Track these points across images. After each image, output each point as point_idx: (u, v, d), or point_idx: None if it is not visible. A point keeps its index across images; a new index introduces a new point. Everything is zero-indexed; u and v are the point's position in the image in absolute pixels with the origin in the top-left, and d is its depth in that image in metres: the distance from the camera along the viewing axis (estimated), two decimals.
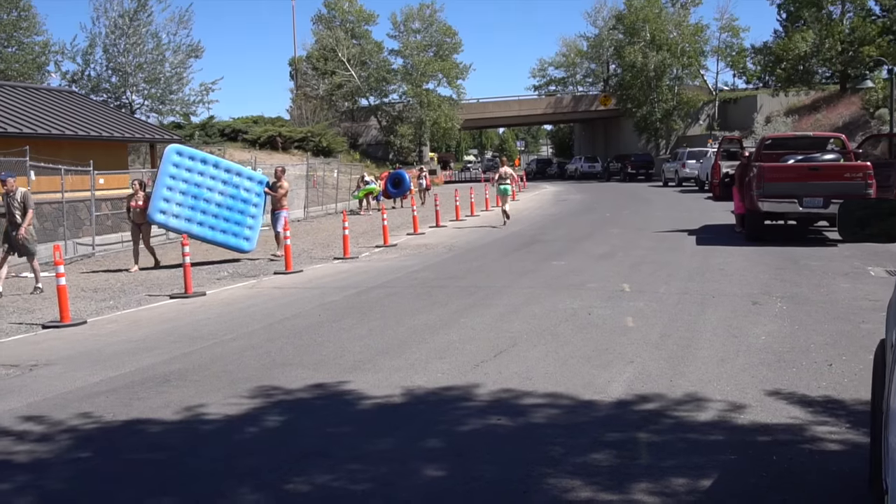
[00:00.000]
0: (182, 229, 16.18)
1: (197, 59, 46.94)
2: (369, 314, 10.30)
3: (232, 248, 17.01)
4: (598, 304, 10.14)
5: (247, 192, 17.12)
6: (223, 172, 17.07)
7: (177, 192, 16.43)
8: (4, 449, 5.74)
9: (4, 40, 45.27)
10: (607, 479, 4.72)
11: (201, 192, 16.67)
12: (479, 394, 6.58)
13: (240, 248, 17.03)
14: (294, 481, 4.91)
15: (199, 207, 16.62)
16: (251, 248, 17.18)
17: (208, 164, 17.03)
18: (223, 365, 7.93)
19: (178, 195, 16.43)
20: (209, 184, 16.77)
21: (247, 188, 17.17)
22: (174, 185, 16.43)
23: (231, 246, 16.94)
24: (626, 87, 60.77)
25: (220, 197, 16.79)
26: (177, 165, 16.60)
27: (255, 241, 17.27)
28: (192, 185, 16.59)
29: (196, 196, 16.61)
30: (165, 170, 16.58)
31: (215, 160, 17.42)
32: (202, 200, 16.65)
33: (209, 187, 16.76)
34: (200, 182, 16.70)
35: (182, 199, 16.47)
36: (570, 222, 23.74)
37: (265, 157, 42.57)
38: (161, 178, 16.52)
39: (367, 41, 65.84)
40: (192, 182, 16.62)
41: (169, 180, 16.44)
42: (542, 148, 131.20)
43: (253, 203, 17.18)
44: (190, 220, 16.48)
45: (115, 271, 16.66)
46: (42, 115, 23.56)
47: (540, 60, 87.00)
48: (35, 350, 9.14)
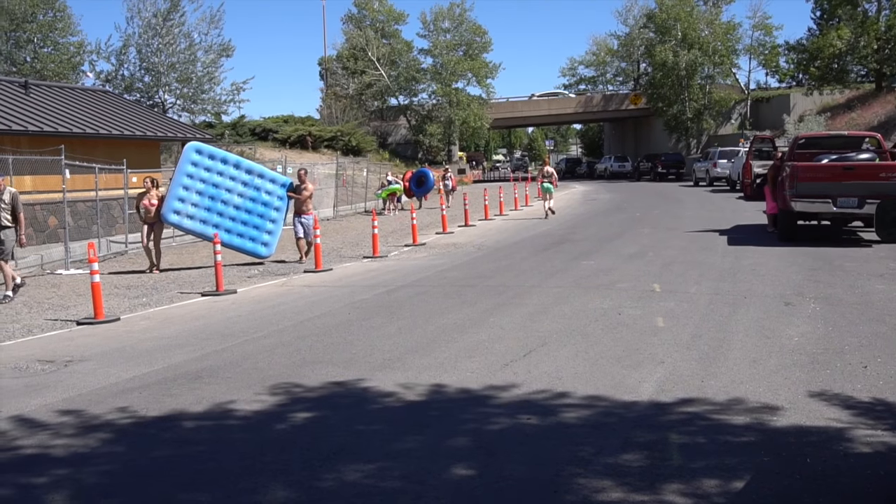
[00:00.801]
0: (196, 231, 15.94)
1: (228, 58, 47.51)
2: (398, 313, 10.33)
3: (248, 252, 16.32)
4: (629, 304, 10.09)
5: (268, 195, 16.47)
6: (244, 173, 16.45)
7: (193, 193, 15.92)
8: (41, 443, 5.83)
9: (41, 40, 45.92)
10: (638, 480, 4.70)
11: (219, 193, 16.10)
12: (509, 393, 6.57)
13: (257, 254, 16.36)
14: (324, 478, 4.94)
15: (216, 209, 16.06)
16: (269, 253, 16.51)
17: (228, 164, 16.42)
18: (254, 362, 7.99)
19: (195, 195, 15.93)
20: (228, 185, 16.19)
21: (268, 190, 16.51)
22: (191, 185, 15.92)
23: (247, 251, 16.27)
24: (656, 86, 60.36)
25: (238, 199, 16.20)
26: (195, 164, 16.09)
27: (275, 246, 16.64)
28: (210, 186, 16.04)
29: (213, 197, 16.06)
30: (183, 168, 16.08)
31: (236, 160, 16.77)
32: (219, 202, 16.10)
33: (228, 188, 16.18)
34: (219, 182, 16.12)
35: (198, 199, 15.95)
36: (599, 222, 23.64)
37: (295, 156, 42.82)
38: (178, 177, 15.99)
39: (397, 40, 65.95)
40: (211, 182, 16.07)
41: (186, 179, 15.94)
42: (572, 147, 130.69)
43: (274, 206, 16.52)
44: (205, 221, 15.96)
45: (141, 272, 16.83)
46: (77, 115, 23.86)
47: (570, 59, 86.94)
48: (70, 346, 9.26)
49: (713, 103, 58.66)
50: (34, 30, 45.27)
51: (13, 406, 6.78)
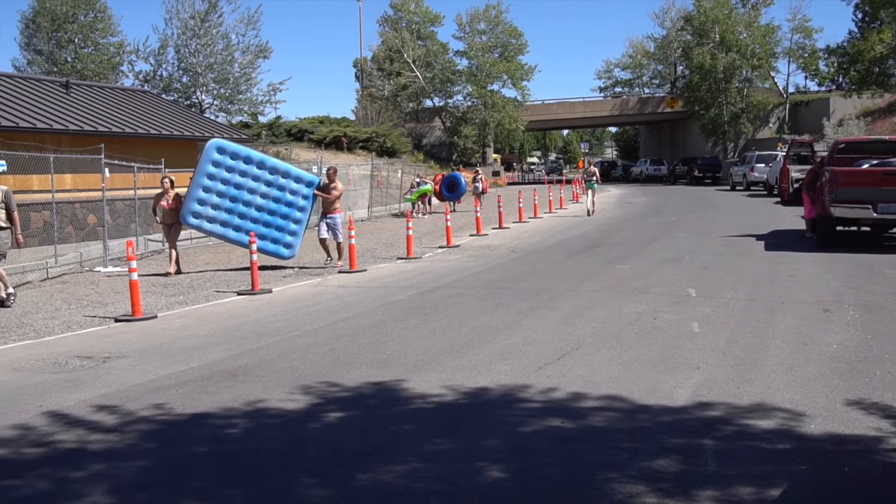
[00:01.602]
0: (217, 233, 15.56)
1: (265, 59, 47.86)
2: (432, 314, 10.35)
3: (271, 254, 15.65)
4: (664, 309, 10.02)
5: (293, 195, 15.71)
6: (267, 173, 15.68)
7: (213, 194, 15.32)
8: (79, 438, 5.91)
9: (81, 41, 46.65)
10: (673, 486, 4.66)
11: (241, 194, 15.44)
12: (543, 396, 6.55)
13: (279, 255, 15.73)
14: (358, 478, 4.96)
15: (238, 211, 15.44)
16: (291, 255, 15.89)
17: (252, 164, 15.64)
18: (289, 361, 8.05)
19: (215, 197, 15.33)
20: (251, 185, 15.50)
21: (293, 190, 15.74)
22: (211, 186, 15.30)
23: (269, 252, 15.55)
24: (693, 89, 59.90)
25: (261, 199, 15.52)
26: (216, 164, 15.40)
27: (298, 248, 16.02)
28: (231, 187, 15.39)
29: (234, 198, 15.41)
30: (204, 168, 15.38)
31: (260, 158, 15.92)
32: (241, 203, 15.45)
33: (250, 189, 15.50)
34: (241, 183, 15.45)
35: (218, 200, 15.33)
36: (634, 225, 23.50)
37: (330, 157, 43.04)
38: (198, 178, 15.35)
39: (433, 42, 66.05)
40: (232, 183, 15.40)
41: (206, 181, 15.29)
42: (607, 150, 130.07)
43: (298, 206, 15.77)
44: (226, 224, 15.42)
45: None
46: (116, 114, 24.19)
47: (606, 62, 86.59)
48: (108, 343, 9.39)
49: (751, 107, 58.07)
50: (75, 30, 46.04)
51: (53, 401, 6.89)
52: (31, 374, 7.97)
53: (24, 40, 46.74)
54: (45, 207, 18.75)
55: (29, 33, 46.18)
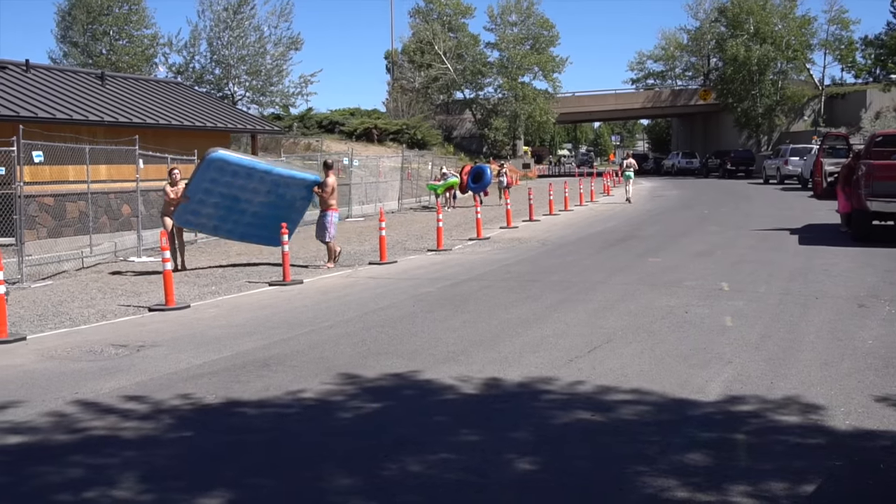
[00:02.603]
0: (207, 230, 15.66)
1: (297, 51, 48.12)
2: (463, 306, 10.35)
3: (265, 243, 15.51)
4: (696, 303, 9.95)
5: (293, 198, 15.07)
6: (269, 183, 14.76)
7: (208, 206, 14.78)
8: (113, 425, 5.99)
9: (116, 33, 47.10)
10: (704, 480, 4.63)
11: (236, 204, 14.81)
12: (573, 389, 6.54)
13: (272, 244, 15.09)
14: (389, 468, 4.98)
15: (232, 218, 14.99)
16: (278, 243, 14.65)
17: (253, 179, 14.65)
18: (320, 352, 8.09)
19: (210, 208, 14.81)
20: (248, 196, 14.78)
21: (294, 195, 15.05)
22: (206, 199, 14.69)
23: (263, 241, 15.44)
24: (727, 82, 59.20)
25: (258, 207, 14.88)
26: (214, 181, 14.56)
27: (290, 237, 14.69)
28: (228, 199, 14.73)
29: (230, 208, 14.85)
30: (201, 185, 14.58)
31: (265, 168, 14.90)
32: (236, 212, 14.93)
33: (248, 199, 14.81)
34: (239, 195, 14.74)
35: (213, 211, 14.84)
36: (666, 219, 23.34)
37: (361, 148, 43.14)
38: (193, 189, 14.65)
39: (464, 34, 65.88)
40: (230, 195, 14.70)
41: (202, 195, 14.67)
42: (638, 143, 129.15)
43: (296, 208, 15.28)
44: (217, 228, 15.36)
45: (210, 267, 17.16)
46: (150, 106, 24.41)
47: (638, 53, 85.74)
48: (142, 331, 9.50)
49: (785, 99, 57.31)
50: (110, 22, 46.47)
51: (88, 388, 6.99)
52: (67, 361, 8.09)
53: (60, 33, 47.29)
54: (80, 198, 18.98)
55: (65, 26, 46.70)
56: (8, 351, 8.65)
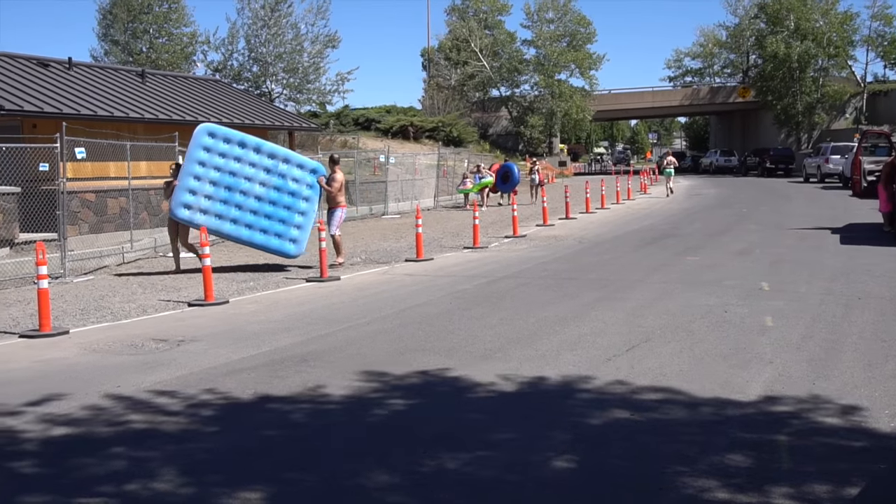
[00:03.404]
0: (211, 227, 13.66)
1: (334, 49, 48.14)
2: (499, 304, 10.33)
3: (274, 251, 14.21)
4: (735, 302, 9.84)
5: (296, 183, 14.17)
6: (266, 158, 14.13)
7: (206, 183, 13.78)
8: (153, 418, 6.07)
9: (156, 31, 47.66)
10: (746, 481, 4.58)
11: (237, 183, 13.89)
12: (611, 388, 6.50)
13: (284, 253, 14.19)
14: (426, 465, 4.99)
15: (234, 201, 13.88)
16: (299, 252, 14.28)
17: (248, 148, 14.08)
18: (357, 348, 8.13)
19: (208, 186, 13.78)
20: (248, 172, 13.95)
21: (296, 177, 14.19)
22: (203, 174, 13.78)
23: (273, 249, 14.15)
24: (766, 79, 58.47)
25: (260, 188, 13.96)
26: (208, 150, 13.86)
27: (305, 243, 14.36)
28: (227, 174, 13.86)
29: (230, 187, 13.86)
30: (194, 154, 13.84)
31: (257, 143, 14.31)
32: (238, 192, 13.89)
33: (247, 176, 13.94)
34: (237, 170, 13.90)
35: (212, 190, 13.79)
36: (704, 217, 23.11)
37: (397, 146, 43.24)
38: (188, 166, 13.87)
39: (500, 31, 65.72)
40: (227, 170, 13.87)
41: (197, 168, 13.79)
42: (676, 140, 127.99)
43: (303, 196, 14.21)
44: (221, 216, 13.85)
45: (242, 268, 17.24)
46: (189, 103, 24.66)
47: (676, 51, 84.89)
48: (182, 326, 9.60)
49: (826, 97, 56.45)
50: (150, 21, 47.02)
51: (129, 382, 7.08)
52: (109, 355, 8.21)
53: (101, 31, 47.93)
54: (121, 194, 19.24)
55: (106, 24, 47.34)
56: (52, 344, 8.79)
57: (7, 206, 15.93)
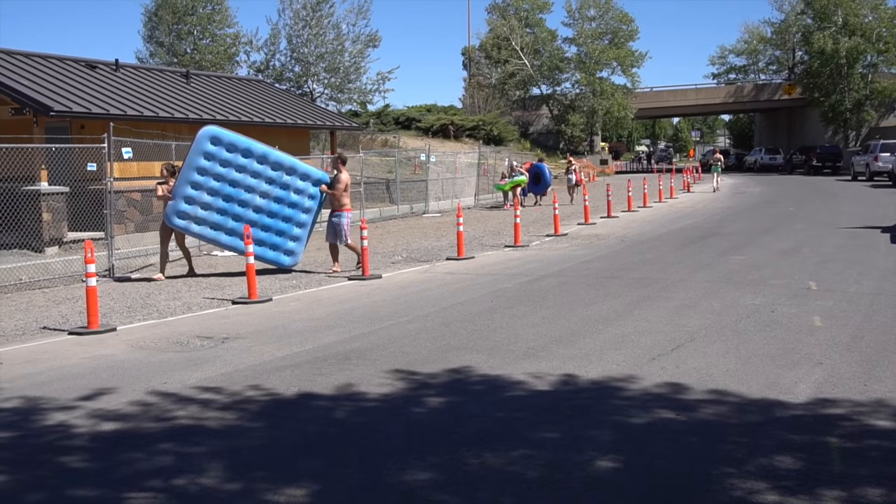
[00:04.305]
0: (207, 237, 13.59)
1: (374, 48, 48.37)
2: (542, 302, 10.28)
3: (269, 261, 13.76)
4: (782, 302, 9.69)
5: (298, 195, 13.81)
6: (270, 169, 13.70)
7: (205, 192, 13.32)
8: (199, 415, 6.12)
9: (200, 33, 48.25)
10: (796, 484, 4.50)
11: (237, 193, 13.46)
12: (656, 388, 6.43)
13: (279, 264, 13.78)
14: (470, 463, 4.98)
15: (233, 212, 13.44)
16: (293, 262, 13.90)
17: (252, 158, 13.63)
18: (400, 346, 8.14)
19: (207, 196, 13.33)
20: (250, 182, 13.55)
21: (299, 189, 13.82)
22: (202, 183, 13.31)
23: (268, 260, 13.73)
24: (813, 75, 57.55)
25: (261, 200, 13.59)
26: (210, 157, 13.41)
27: (301, 254, 14.09)
28: (226, 184, 13.41)
29: (229, 198, 13.43)
30: (194, 161, 13.35)
31: (262, 151, 13.80)
32: (237, 203, 13.47)
33: (248, 187, 13.54)
34: (238, 180, 13.47)
35: (211, 200, 13.33)
36: (749, 216, 22.80)
37: (437, 144, 43.29)
38: (186, 173, 13.34)
39: (541, 29, 65.49)
40: (227, 179, 13.43)
41: (196, 176, 13.30)
42: (719, 138, 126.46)
43: (304, 208, 13.87)
44: (218, 227, 13.44)
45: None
46: (232, 103, 24.91)
47: (720, 47, 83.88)
48: (226, 324, 9.69)
49: (875, 93, 55.38)
50: (194, 22, 47.62)
51: (175, 378, 7.16)
52: (155, 352, 8.31)
53: (146, 33, 48.66)
54: None
55: (151, 26, 48.05)
56: (99, 341, 8.92)
57: (56, 206, 16.21)
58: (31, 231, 15.66)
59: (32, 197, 15.56)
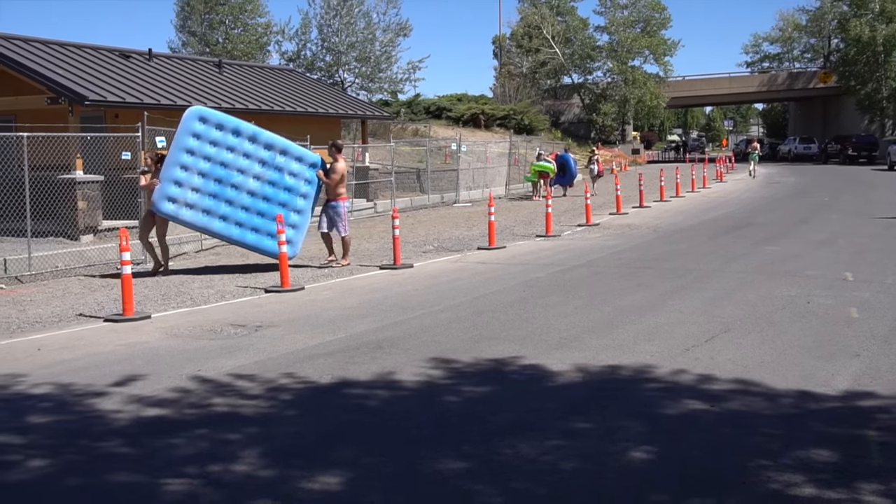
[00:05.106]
0: (199, 225, 12.75)
1: (405, 37, 48.37)
2: (574, 292, 10.24)
3: (267, 252, 12.84)
4: (818, 293, 9.57)
5: (293, 178, 12.96)
6: (262, 149, 12.88)
7: (194, 175, 12.46)
8: (234, 402, 6.18)
9: (232, 22, 48.54)
10: (833, 477, 4.45)
11: (229, 176, 12.60)
12: (690, 379, 6.39)
13: (276, 254, 12.22)
14: (503, 453, 4.97)
15: (225, 196, 12.59)
16: (293, 253, 12.72)
17: (242, 137, 12.81)
18: (432, 335, 8.15)
19: (196, 178, 12.47)
20: (241, 164, 12.70)
21: (293, 171, 12.97)
22: (192, 165, 12.47)
23: (265, 250, 12.82)
24: (849, 63, 56.69)
25: (254, 183, 12.72)
26: (198, 136, 12.54)
27: (300, 244, 13.14)
28: (217, 165, 12.57)
29: (221, 180, 12.56)
30: (182, 142, 12.51)
31: (253, 131, 12.96)
32: (229, 186, 12.61)
33: (241, 169, 12.68)
34: (229, 161, 12.63)
35: (201, 183, 12.48)
36: (783, 206, 22.54)
37: (468, 134, 43.19)
38: (174, 154, 12.53)
39: (573, 18, 65.11)
40: (218, 160, 12.57)
41: (185, 157, 12.47)
42: (752, 128, 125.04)
43: (300, 193, 12.99)
44: (210, 212, 12.54)
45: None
46: (264, 92, 25.03)
47: (754, 35, 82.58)
48: (259, 312, 9.76)
49: None
50: (226, 12, 47.96)
51: (210, 366, 7.22)
52: (189, 339, 8.39)
53: (179, 23, 49.08)
54: None
55: (184, 16, 48.45)
56: (134, 328, 9.03)
57: (91, 194, 16.39)
58: (66, 219, 15.85)
59: (68, 185, 15.75)
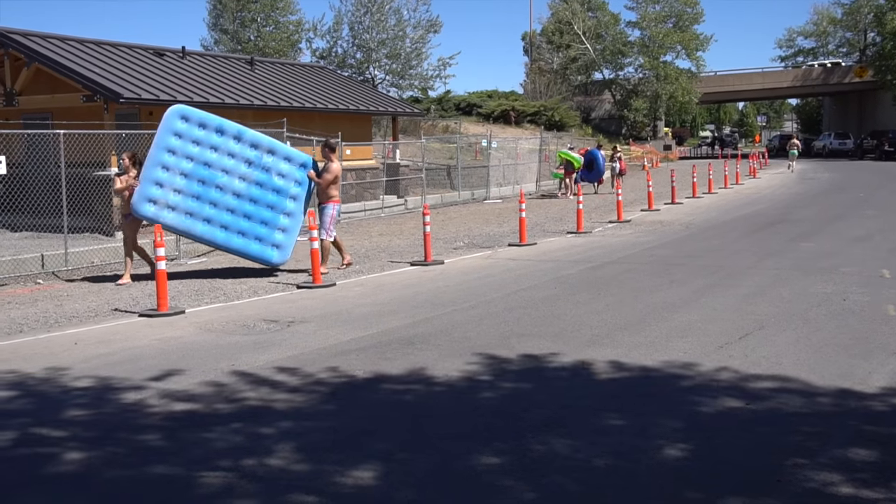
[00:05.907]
0: (181, 228, 12.04)
1: (435, 34, 48.31)
2: (605, 289, 10.20)
3: (254, 257, 12.31)
4: (854, 290, 9.45)
5: (282, 179, 12.28)
6: (248, 148, 12.22)
7: (176, 175, 11.82)
8: (267, 396, 6.22)
9: (263, 20, 48.83)
10: (872, 477, 4.39)
11: (213, 176, 11.96)
12: (724, 376, 6.34)
13: (266, 260, 12.23)
14: (535, 449, 4.96)
15: (209, 197, 11.94)
16: (283, 259, 12.34)
17: (226, 136, 12.18)
18: (463, 331, 8.15)
19: (178, 179, 11.82)
20: (226, 164, 12.05)
21: (282, 172, 12.29)
22: (174, 164, 11.83)
23: (253, 255, 12.24)
24: (885, 58, 55.80)
25: (240, 184, 12.06)
26: (180, 135, 11.93)
27: (290, 249, 12.42)
28: (201, 165, 11.93)
29: (205, 181, 11.92)
30: (163, 141, 11.86)
31: (237, 130, 12.31)
32: (213, 188, 11.96)
33: (225, 169, 12.03)
34: (213, 161, 11.99)
35: (183, 184, 11.84)
36: (818, 202, 22.28)
37: (498, 130, 43.15)
38: (155, 153, 11.85)
39: (604, 13, 64.80)
40: (201, 160, 11.95)
41: (167, 157, 11.82)
42: (786, 123, 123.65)
43: (290, 195, 12.30)
44: (193, 214, 11.90)
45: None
46: (296, 90, 25.15)
47: (788, 30, 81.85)
48: (291, 308, 9.82)
49: None
50: (258, 10, 48.25)
51: (243, 361, 7.28)
52: (223, 335, 8.46)
53: (211, 21, 49.47)
54: None
55: (216, 14, 48.82)
56: (169, 323, 9.12)
57: None
58: (101, 216, 16.05)
59: (103, 182, 15.93)
